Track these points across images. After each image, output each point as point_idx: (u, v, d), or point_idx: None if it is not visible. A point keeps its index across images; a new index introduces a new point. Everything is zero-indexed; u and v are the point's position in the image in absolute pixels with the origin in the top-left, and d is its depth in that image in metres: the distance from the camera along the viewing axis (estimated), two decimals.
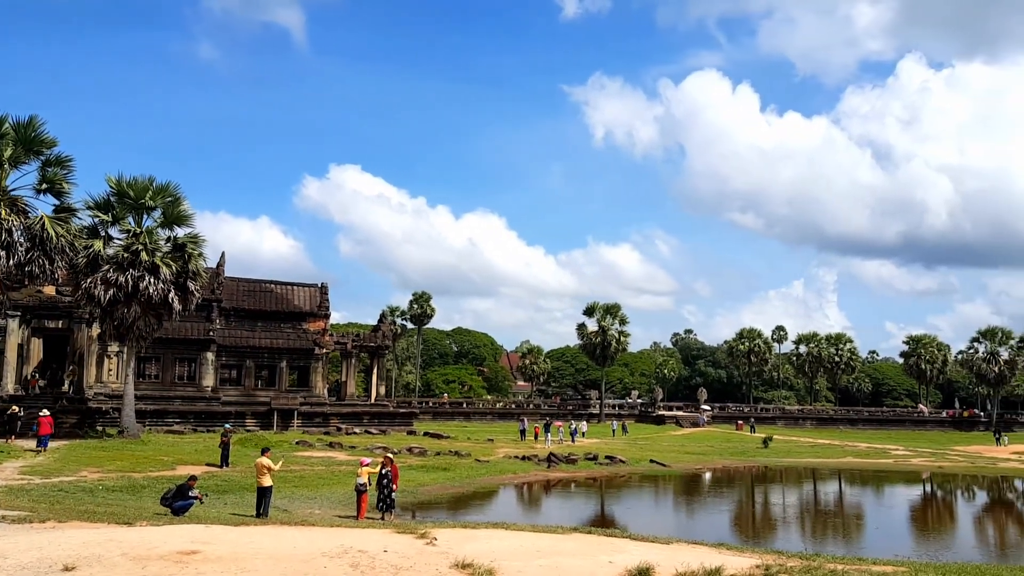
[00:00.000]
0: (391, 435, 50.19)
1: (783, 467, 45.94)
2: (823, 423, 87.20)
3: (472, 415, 79.46)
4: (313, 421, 52.79)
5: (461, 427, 67.34)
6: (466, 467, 35.26)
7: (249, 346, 53.88)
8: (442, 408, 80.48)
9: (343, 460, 34.46)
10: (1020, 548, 24.29)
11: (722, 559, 12.33)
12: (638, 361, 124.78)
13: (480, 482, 32.23)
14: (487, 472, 34.59)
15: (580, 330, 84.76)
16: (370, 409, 57.29)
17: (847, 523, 27.65)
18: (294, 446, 39.27)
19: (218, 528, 14.72)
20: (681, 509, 30.82)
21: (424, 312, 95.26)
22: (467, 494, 29.44)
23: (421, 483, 29.92)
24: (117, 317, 36.99)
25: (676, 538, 16.44)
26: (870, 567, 12.93)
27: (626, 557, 12.12)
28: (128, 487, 23.84)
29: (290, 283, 59.64)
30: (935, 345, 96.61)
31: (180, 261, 38.53)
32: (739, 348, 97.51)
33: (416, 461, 35.96)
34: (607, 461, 40.65)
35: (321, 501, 24.21)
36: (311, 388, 55.45)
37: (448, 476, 32.35)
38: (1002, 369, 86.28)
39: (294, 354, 55.23)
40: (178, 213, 38.99)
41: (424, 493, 28.31)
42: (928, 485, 41.10)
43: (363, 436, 48.41)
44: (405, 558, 11.76)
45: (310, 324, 56.88)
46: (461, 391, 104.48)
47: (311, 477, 28.95)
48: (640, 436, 64.26)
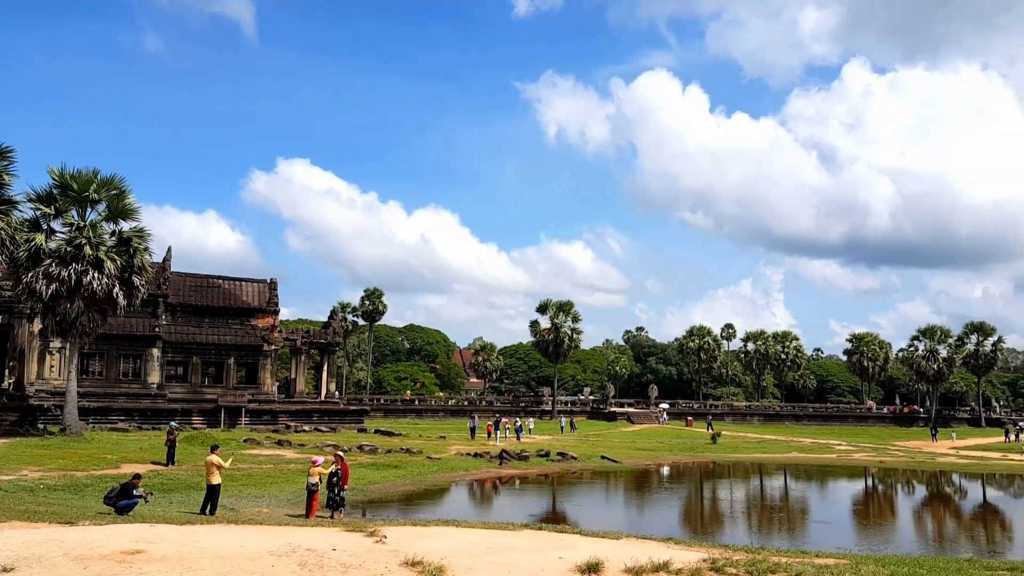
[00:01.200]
0: (341, 433, 49.75)
1: (731, 462, 46.72)
2: (770, 419, 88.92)
3: (424, 412, 79.19)
4: (261, 419, 52.06)
5: (413, 424, 67.06)
6: (417, 465, 35.14)
7: (196, 342, 52.93)
8: (394, 405, 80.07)
9: (292, 458, 34.08)
10: (957, 540, 25.03)
11: (670, 553, 12.49)
12: (591, 358, 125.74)
13: (432, 479, 32.16)
14: (439, 469, 34.52)
15: (533, 327, 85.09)
16: (320, 407, 56.71)
17: (792, 517, 28.22)
18: (242, 444, 38.70)
19: (163, 527, 14.43)
20: (632, 505, 31.14)
21: (376, 308, 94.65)
22: (418, 492, 29.34)
23: (372, 481, 29.73)
24: (59, 312, 36.03)
25: (626, 533, 16.61)
26: (813, 560, 13.23)
27: (576, 553, 12.20)
28: (70, 486, 23.26)
29: (238, 278, 58.70)
30: (877, 343, 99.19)
31: (125, 256, 37.66)
32: (689, 346, 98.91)
33: (367, 459, 35.71)
34: (559, 457, 40.88)
35: (269, 500, 23.90)
36: (259, 385, 54.69)
37: (399, 474, 32.20)
38: (941, 367, 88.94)
39: (242, 351, 54.40)
40: (123, 207, 38.10)
41: (375, 491, 28.13)
42: (870, 479, 42.17)
43: (313, 434, 47.91)
44: (354, 556, 11.67)
45: (259, 320, 56.07)
46: (413, 388, 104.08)
47: (259, 475, 28.56)
48: (592, 433, 64.75)
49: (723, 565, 11.60)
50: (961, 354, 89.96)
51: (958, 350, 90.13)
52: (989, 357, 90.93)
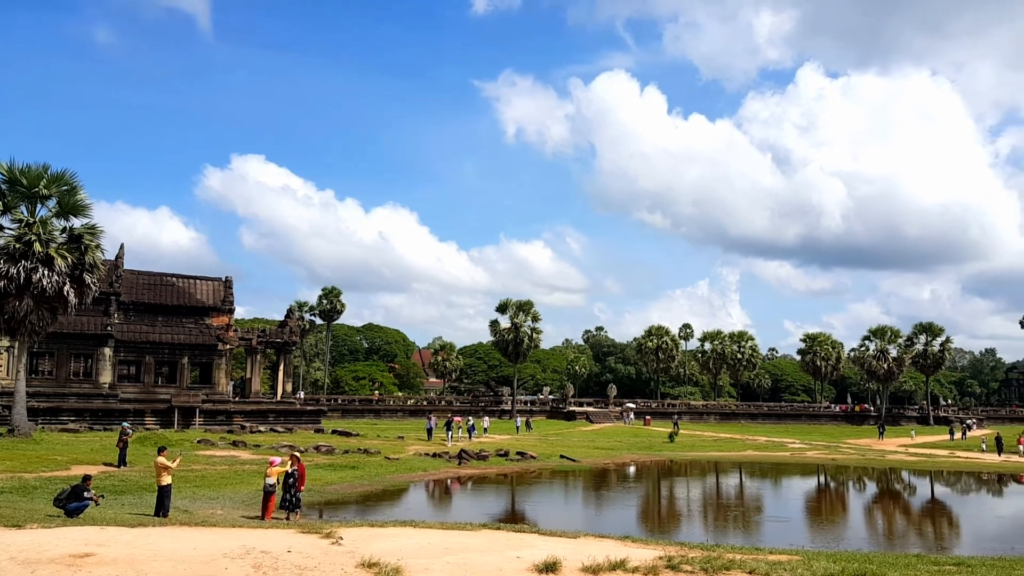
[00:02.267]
0: (298, 433, 49.22)
1: (688, 461, 47.25)
2: (726, 418, 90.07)
3: (382, 412, 78.68)
4: (216, 419, 51.28)
5: (371, 424, 66.62)
6: (375, 465, 34.92)
7: (149, 341, 51.95)
8: (351, 405, 79.41)
9: (247, 459, 33.65)
10: (906, 536, 25.62)
11: (627, 551, 12.59)
12: (550, 358, 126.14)
13: (389, 480, 31.97)
14: (397, 470, 34.34)
15: (493, 327, 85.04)
16: (276, 407, 56.05)
17: (747, 514, 28.62)
18: (196, 445, 38.10)
19: (114, 530, 14.15)
20: (590, 503, 31.30)
21: (334, 307, 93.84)
22: (376, 492, 29.15)
23: (328, 482, 29.47)
24: (8, 311, 35.08)
25: (584, 532, 16.71)
26: (766, 556, 13.44)
27: (534, 552, 12.24)
28: (19, 488, 22.69)
29: (192, 276, 57.75)
30: (830, 343, 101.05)
31: (76, 253, 36.80)
32: (648, 345, 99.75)
33: (324, 459, 35.40)
34: (518, 457, 40.94)
35: (224, 501, 23.55)
36: (214, 385, 53.86)
37: (356, 474, 31.97)
38: (891, 366, 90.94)
39: (196, 350, 53.52)
40: (74, 203, 37.23)
41: (331, 492, 27.89)
42: (822, 477, 42.95)
43: (269, 435, 47.33)
44: (309, 558, 11.56)
45: (213, 319, 55.23)
46: (371, 388, 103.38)
47: (213, 476, 28.14)
48: (551, 432, 64.97)
49: (679, 562, 11.74)
50: (910, 354, 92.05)
51: (907, 350, 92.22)
52: (937, 357, 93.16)
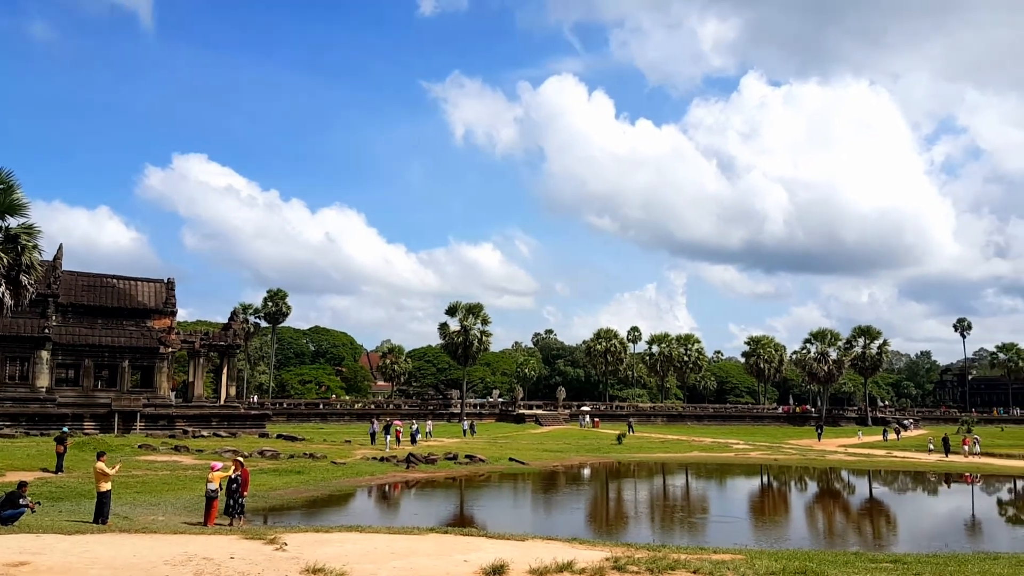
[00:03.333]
0: (242, 438, 48.35)
1: (635, 462, 47.71)
2: (673, 419, 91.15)
3: (329, 416, 77.77)
4: (158, 424, 50.12)
5: (317, 429, 65.83)
6: (321, 470, 34.49)
7: (88, 344, 50.54)
8: (297, 409, 78.36)
9: (189, 464, 32.96)
10: (846, 534, 26.24)
11: (574, 553, 12.66)
12: (500, 360, 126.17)
13: (336, 484, 31.61)
14: (343, 474, 33.97)
15: (442, 329, 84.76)
16: (220, 411, 54.97)
17: (693, 515, 29.02)
18: (137, 450, 37.19)
19: (51, 537, 13.73)
20: (539, 506, 31.39)
21: (279, 310, 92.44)
22: (322, 497, 28.80)
23: (273, 487, 29.03)
24: None
25: (532, 535, 16.75)
26: (711, 556, 13.65)
27: (481, 555, 12.23)
28: None
29: (133, 278, 56.34)
30: (772, 346, 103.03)
31: (12, 253, 35.43)
32: (596, 348, 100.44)
33: (268, 464, 34.85)
34: (467, 460, 40.85)
35: (165, 507, 23.03)
36: (156, 389, 52.62)
37: (302, 479, 31.53)
38: (831, 368, 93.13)
39: (137, 353, 52.24)
40: (10, 202, 35.80)
41: (276, 497, 27.47)
42: (766, 477, 43.76)
43: (212, 439, 46.40)
44: (253, 564, 11.38)
45: (155, 321, 53.97)
46: (318, 392, 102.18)
47: (155, 482, 27.51)
48: (500, 435, 64.99)
49: (625, 563, 11.84)
50: (850, 356, 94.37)
51: (847, 352, 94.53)
52: (875, 359, 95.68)
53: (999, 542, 23.11)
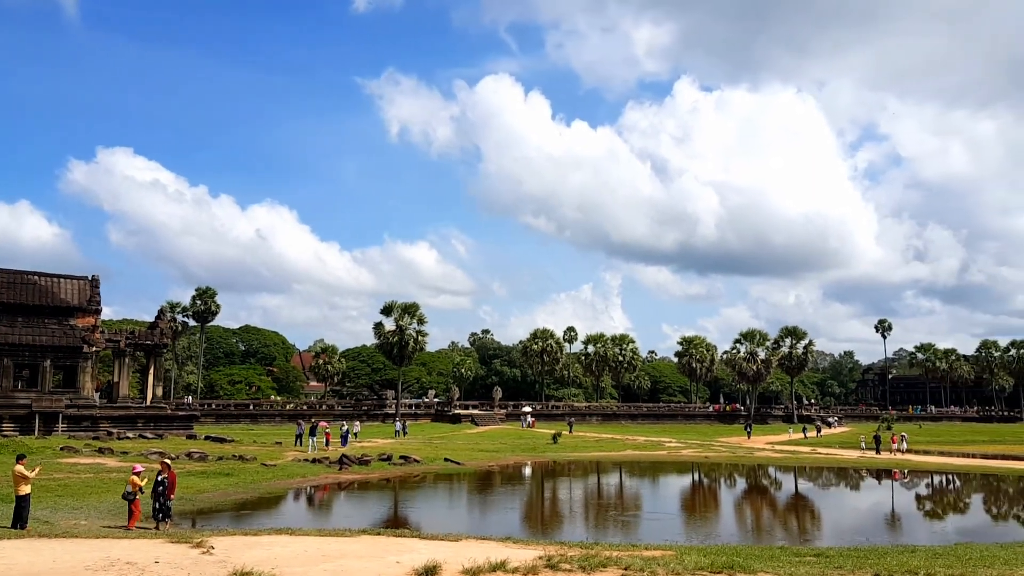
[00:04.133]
0: (169, 439, 47.04)
1: (570, 461, 48.03)
2: (608, 419, 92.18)
3: (260, 418, 76.38)
4: (81, 425, 48.42)
5: (247, 430, 64.53)
6: (251, 472, 33.78)
7: (7, 343, 48.54)
8: (227, 410, 76.72)
9: (114, 467, 31.93)
10: (772, 529, 26.86)
11: (508, 553, 12.65)
12: (436, 360, 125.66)
13: (266, 487, 31.00)
14: (274, 476, 33.34)
15: (377, 329, 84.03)
16: (146, 412, 53.42)
17: (626, 512, 29.34)
18: (59, 452, 35.90)
19: None
20: (474, 506, 31.33)
21: (208, 308, 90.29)
22: (251, 500, 28.19)
23: (201, 490, 28.31)
24: None
25: (466, 535, 16.69)
26: (642, 552, 13.81)
27: (414, 556, 12.12)
28: None
29: (56, 275, 54.29)
30: (704, 346, 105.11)
31: None
32: (533, 348, 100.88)
33: (196, 467, 33.98)
34: (401, 461, 40.51)
35: (88, 511, 22.24)
36: (79, 389, 50.81)
37: (231, 481, 30.83)
38: (759, 368, 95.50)
39: (59, 352, 50.36)
40: None
41: (204, 500, 26.79)
42: (697, 474, 44.57)
43: (137, 441, 45.03)
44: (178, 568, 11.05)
45: (78, 320, 52.12)
46: (248, 392, 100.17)
47: (77, 485, 26.56)
48: (436, 435, 64.71)
49: (558, 562, 11.88)
50: (777, 356, 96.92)
51: (774, 352, 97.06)
52: (801, 359, 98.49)
53: (917, 535, 23.98)
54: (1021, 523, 28.23)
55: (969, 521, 29.07)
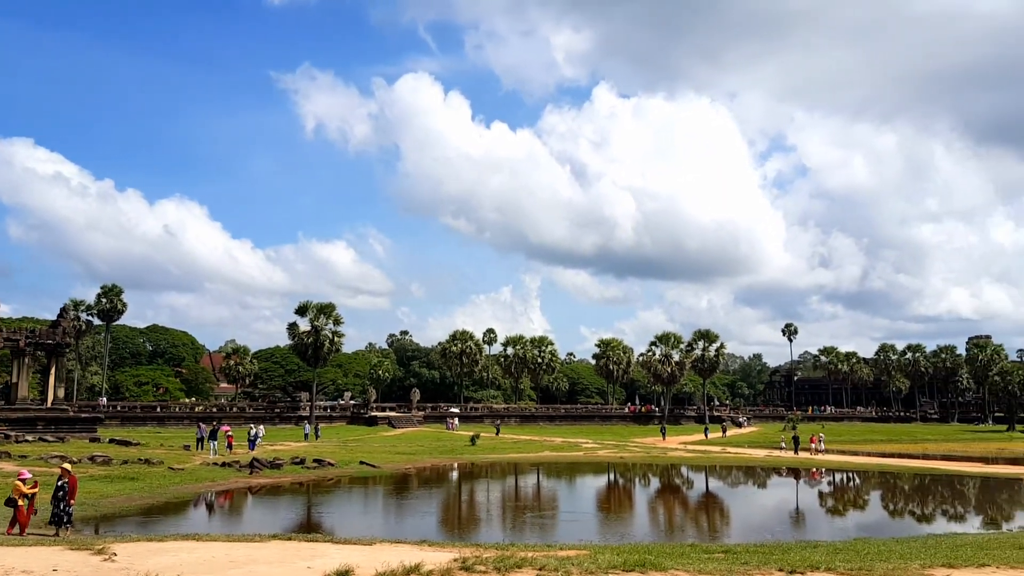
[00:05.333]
0: (71, 443, 45.00)
1: (488, 463, 48.08)
2: (526, 420, 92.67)
3: (167, 420, 73.91)
4: None
5: (154, 433, 62.37)
6: (158, 476, 32.67)
7: None
8: (133, 413, 74.04)
9: (11, 471, 30.26)
10: (684, 527, 27.48)
11: (422, 556, 12.58)
12: (352, 362, 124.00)
13: (174, 491, 30.02)
14: (182, 480, 32.31)
15: (291, 330, 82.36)
16: (46, 414, 51.04)
17: (543, 513, 29.54)
18: None
19: None
20: (390, 509, 31.02)
21: (114, 307, 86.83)
22: (158, 505, 27.25)
23: (104, 494, 27.21)
24: None
25: (380, 538, 16.52)
26: (557, 552, 13.93)
27: (326, 561, 11.93)
28: None
29: None
30: (621, 348, 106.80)
31: None
32: (452, 349, 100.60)
33: (100, 471, 32.66)
34: (315, 464, 39.79)
35: None
36: None
37: (136, 486, 29.75)
38: (673, 370, 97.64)
39: None
40: None
41: (108, 505, 25.75)
42: (612, 474, 45.25)
43: (37, 444, 42.93)
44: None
45: None
46: (156, 394, 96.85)
47: None
48: (351, 438, 63.85)
49: (473, 564, 11.87)
50: (690, 358, 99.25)
51: (688, 355, 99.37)
52: (713, 361, 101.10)
53: (821, 531, 24.93)
54: (916, 519, 29.67)
55: (869, 517, 30.38)
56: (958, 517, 29.78)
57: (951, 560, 13.83)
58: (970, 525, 26.75)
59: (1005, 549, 16.02)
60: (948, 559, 14.01)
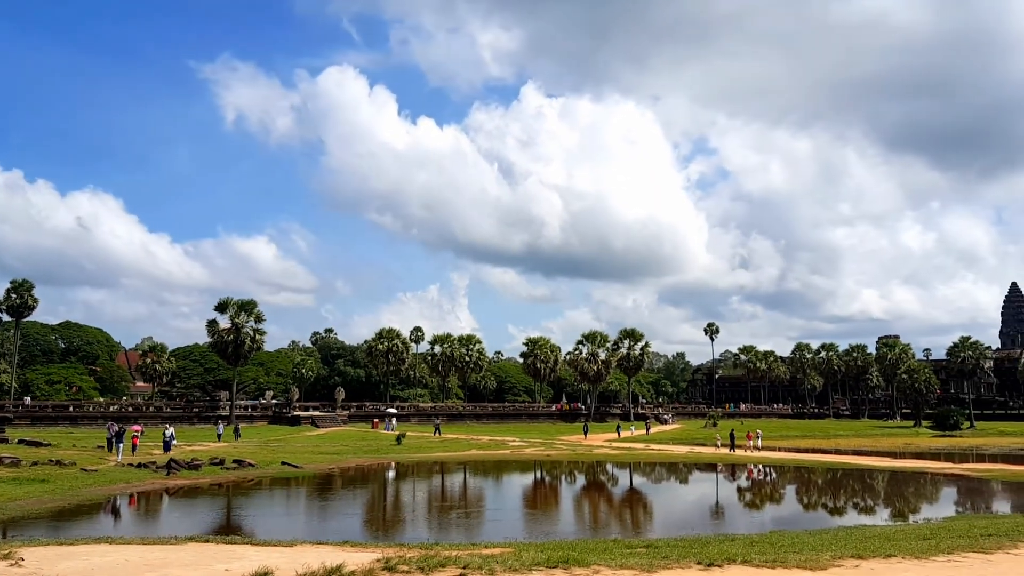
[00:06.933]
0: None
1: (414, 462, 47.80)
2: (453, 419, 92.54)
3: (80, 420, 71.22)
4: None
5: (66, 433, 60.04)
6: (70, 477, 31.45)
7: None
8: (44, 412, 71.10)
9: None
10: (609, 523, 27.85)
11: (344, 556, 12.43)
12: (275, 360, 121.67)
13: (87, 493, 28.93)
14: (95, 482, 31.18)
15: (211, 327, 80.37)
16: None
17: (469, 512, 29.52)
18: None
19: None
20: (312, 510, 30.53)
21: (24, 303, 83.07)
22: (70, 508, 26.21)
23: (13, 497, 26.07)
24: None
25: (301, 540, 16.27)
26: (481, 551, 13.96)
27: (244, 563, 11.68)
28: None
29: None
30: (548, 347, 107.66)
31: None
32: (378, 348, 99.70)
33: (7, 472, 31.31)
34: (235, 465, 38.90)
35: None
36: None
37: (47, 488, 28.58)
38: (600, 368, 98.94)
39: None
40: None
41: (16, 508, 24.65)
42: (539, 472, 45.55)
43: None
44: None
45: None
46: (68, 393, 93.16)
47: None
48: (273, 438, 62.65)
49: (396, 564, 11.79)
50: (616, 357, 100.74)
51: (614, 353, 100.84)
52: (638, 360, 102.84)
53: (739, 525, 25.60)
54: (829, 511, 30.75)
55: (785, 510, 31.36)
56: (868, 510, 31.00)
57: (860, 551, 14.39)
58: (879, 517, 27.86)
59: (911, 540, 16.74)
60: (857, 550, 14.57)
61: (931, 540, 16.48)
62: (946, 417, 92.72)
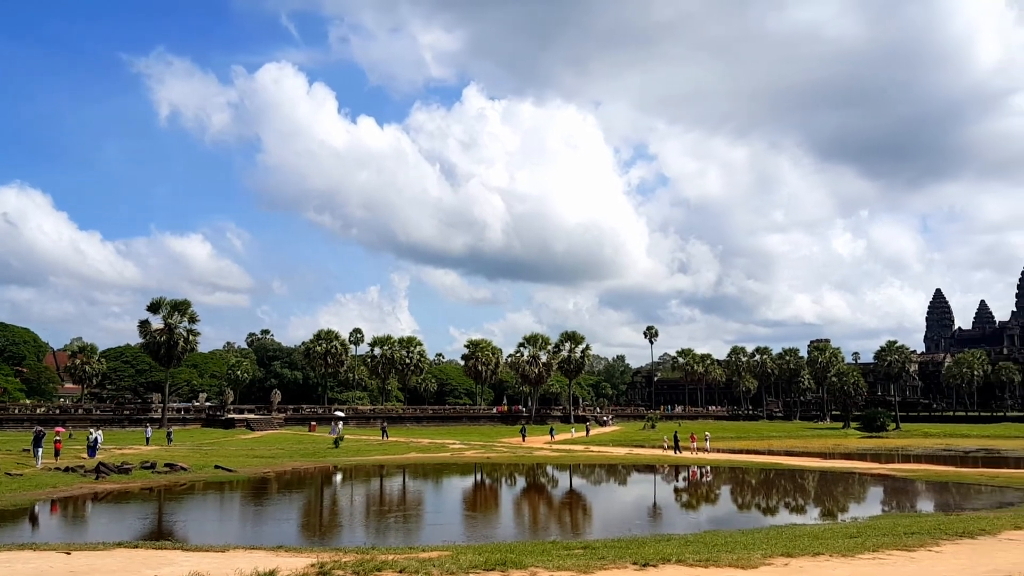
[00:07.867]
0: None
1: (352, 466, 47.26)
2: (393, 421, 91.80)
3: (6, 423, 68.74)
4: None
5: None
6: None
7: None
8: None
9: None
10: (548, 525, 27.97)
11: (278, 561, 12.24)
12: (209, 362, 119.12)
13: (10, 498, 27.87)
14: (19, 487, 30.07)
15: (143, 328, 78.29)
16: None
17: (407, 515, 29.33)
18: None
19: None
20: (246, 515, 29.95)
21: None
22: None
23: None
24: None
25: (234, 545, 15.96)
26: (419, 554, 13.88)
27: (175, 569, 11.41)
28: None
29: None
30: (490, 349, 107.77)
31: None
32: (316, 350, 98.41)
33: None
34: (166, 469, 37.93)
35: None
36: None
37: None
38: (541, 370, 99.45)
39: None
40: None
41: None
42: (479, 475, 45.50)
43: None
44: None
45: None
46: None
47: None
48: (206, 441, 61.28)
49: (331, 568, 11.66)
50: (557, 359, 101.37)
51: (555, 356, 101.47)
52: (579, 362, 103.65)
53: (675, 525, 25.98)
54: (761, 511, 31.44)
55: (720, 510, 31.94)
56: (798, 509, 31.81)
57: (790, 549, 14.75)
58: (809, 516, 28.60)
59: (838, 538, 17.23)
60: (787, 548, 14.94)
61: (858, 538, 16.99)
62: (873, 419, 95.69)
